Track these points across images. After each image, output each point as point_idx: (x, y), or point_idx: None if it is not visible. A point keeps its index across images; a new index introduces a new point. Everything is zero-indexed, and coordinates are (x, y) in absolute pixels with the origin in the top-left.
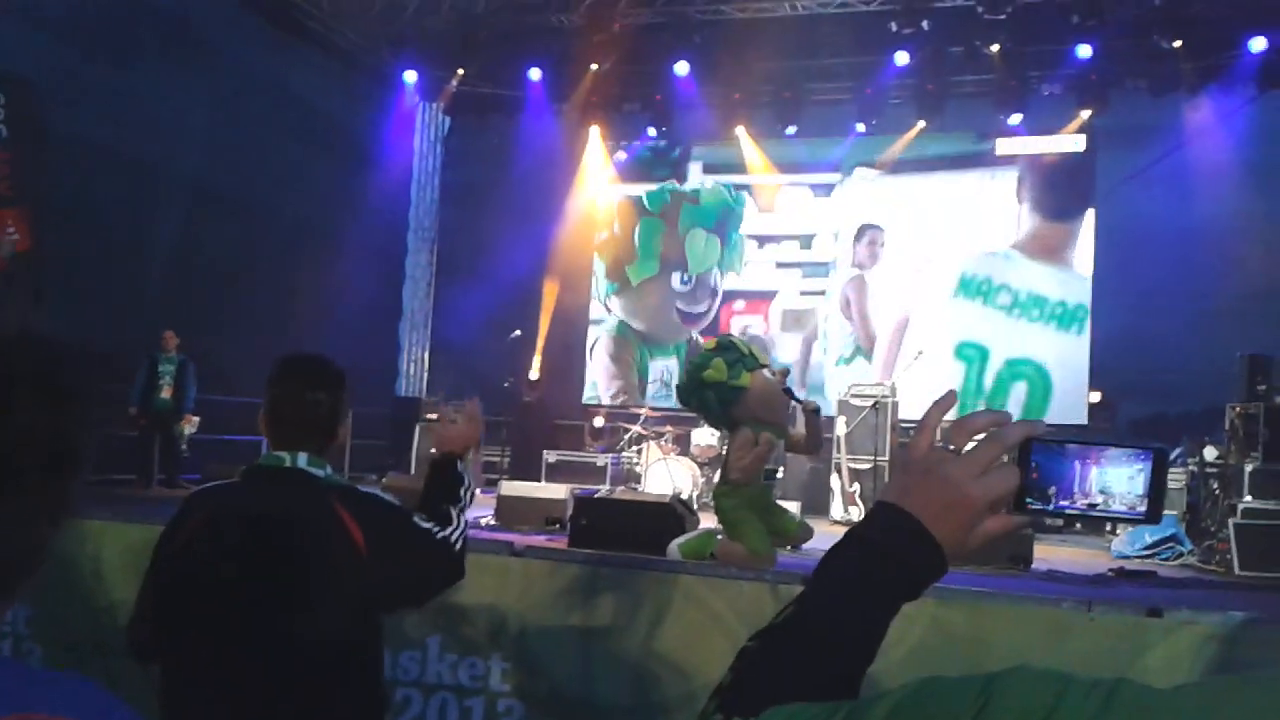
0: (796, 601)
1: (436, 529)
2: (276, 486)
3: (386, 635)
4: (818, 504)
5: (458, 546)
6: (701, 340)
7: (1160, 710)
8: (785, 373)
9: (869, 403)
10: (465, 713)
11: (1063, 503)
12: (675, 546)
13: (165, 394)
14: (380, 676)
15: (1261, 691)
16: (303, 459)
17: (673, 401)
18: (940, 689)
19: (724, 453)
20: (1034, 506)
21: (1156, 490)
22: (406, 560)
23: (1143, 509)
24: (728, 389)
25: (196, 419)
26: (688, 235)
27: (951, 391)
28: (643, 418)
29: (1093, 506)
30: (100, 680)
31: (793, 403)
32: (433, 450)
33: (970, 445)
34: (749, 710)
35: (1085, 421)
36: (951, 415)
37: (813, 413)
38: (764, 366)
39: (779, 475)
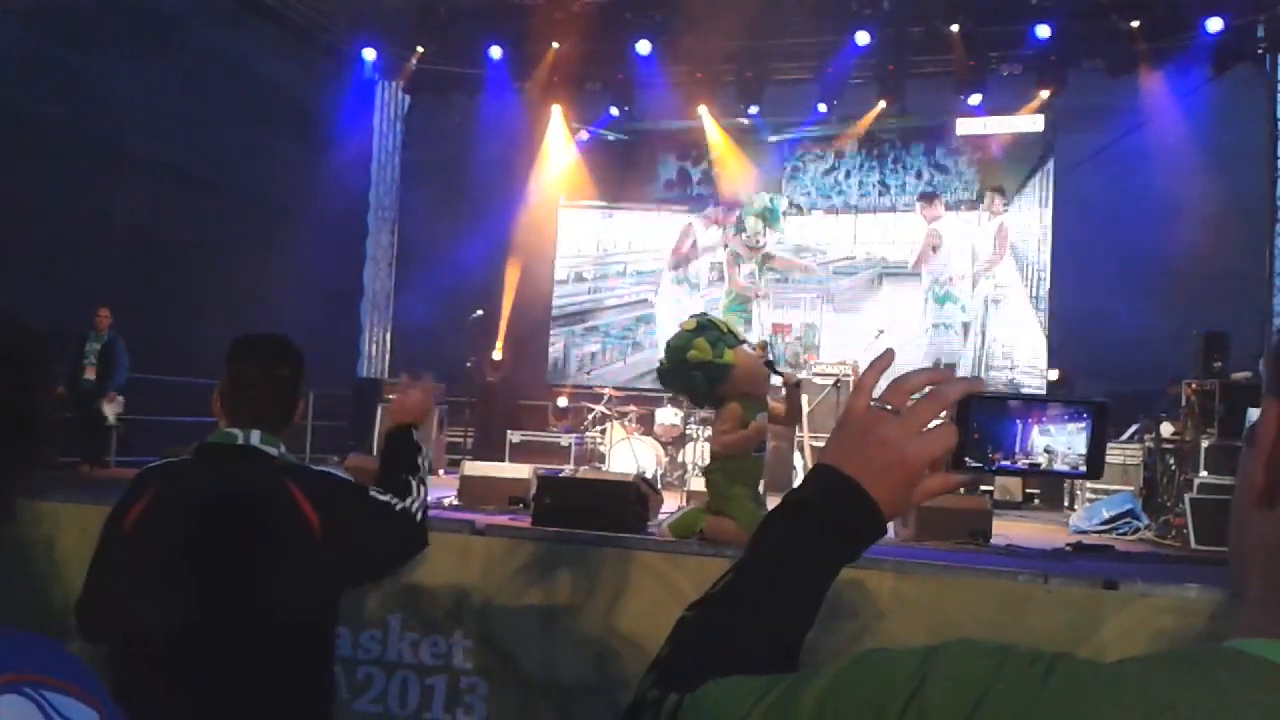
0: (733, 569)
1: (395, 501)
2: (228, 464)
3: (346, 615)
4: (780, 481)
5: (418, 516)
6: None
7: (1097, 684)
8: (764, 346)
9: (830, 380)
10: (427, 691)
11: (1004, 462)
12: (665, 526)
13: (88, 374)
14: (331, 656)
15: (1197, 667)
16: (255, 436)
17: (636, 381)
18: (878, 661)
19: (687, 434)
20: (974, 465)
21: (1097, 445)
22: (363, 535)
23: (1083, 468)
24: (714, 367)
25: (120, 399)
26: None
27: (889, 350)
28: (606, 397)
29: (1034, 466)
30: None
31: (774, 376)
32: (389, 426)
33: (909, 404)
34: (686, 684)
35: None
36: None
37: (794, 386)
38: (743, 342)
39: (767, 449)
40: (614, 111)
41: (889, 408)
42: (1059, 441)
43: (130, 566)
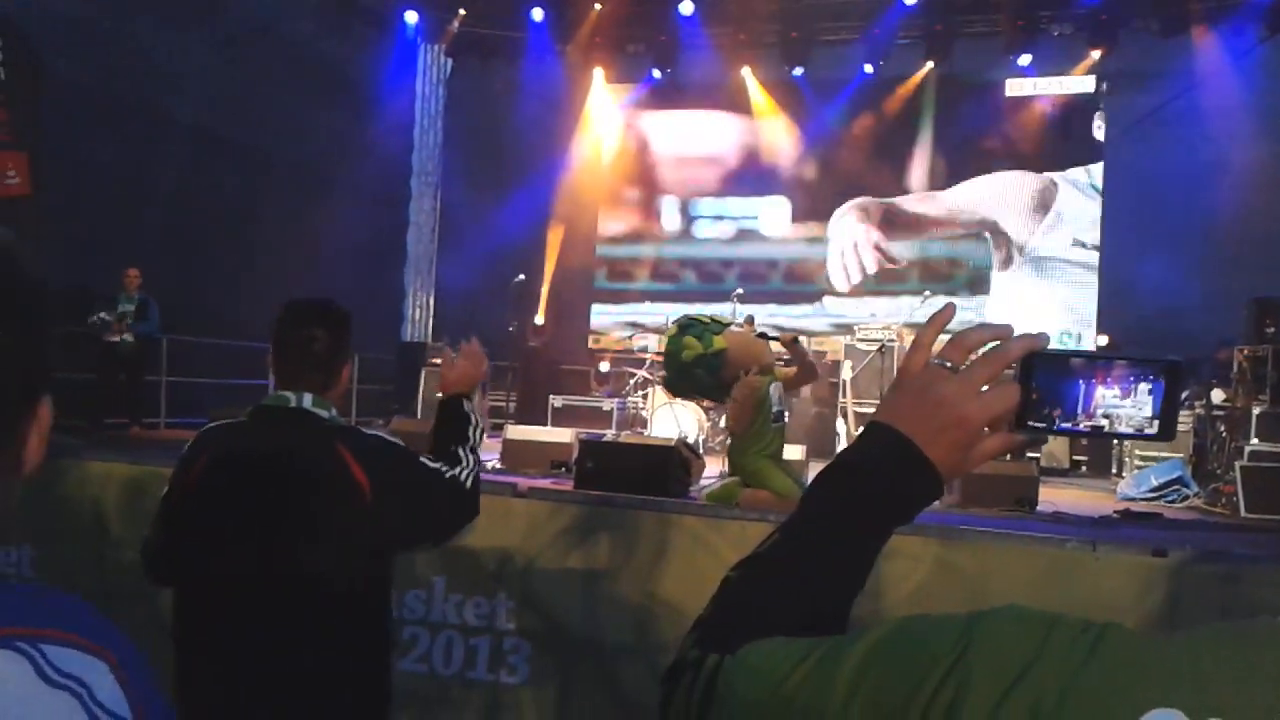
0: (780, 528)
1: (445, 469)
2: (281, 426)
3: (393, 575)
4: (824, 448)
5: (468, 484)
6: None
7: (1146, 658)
8: (750, 321)
9: (874, 346)
10: (471, 651)
11: (1064, 423)
12: (704, 495)
13: (127, 335)
14: (387, 616)
15: (1245, 641)
16: (308, 399)
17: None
18: (921, 628)
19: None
20: (1036, 425)
21: (1170, 406)
22: (412, 500)
23: (1152, 430)
24: (709, 357)
25: (129, 333)
26: None
27: (950, 305)
28: (648, 362)
29: (1097, 429)
30: (70, 594)
31: (771, 342)
32: (438, 394)
33: (968, 362)
34: (728, 644)
35: None
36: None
37: (792, 343)
38: (728, 325)
39: (786, 417)
40: (656, 74)
41: (948, 365)
42: (1126, 402)
43: (193, 519)
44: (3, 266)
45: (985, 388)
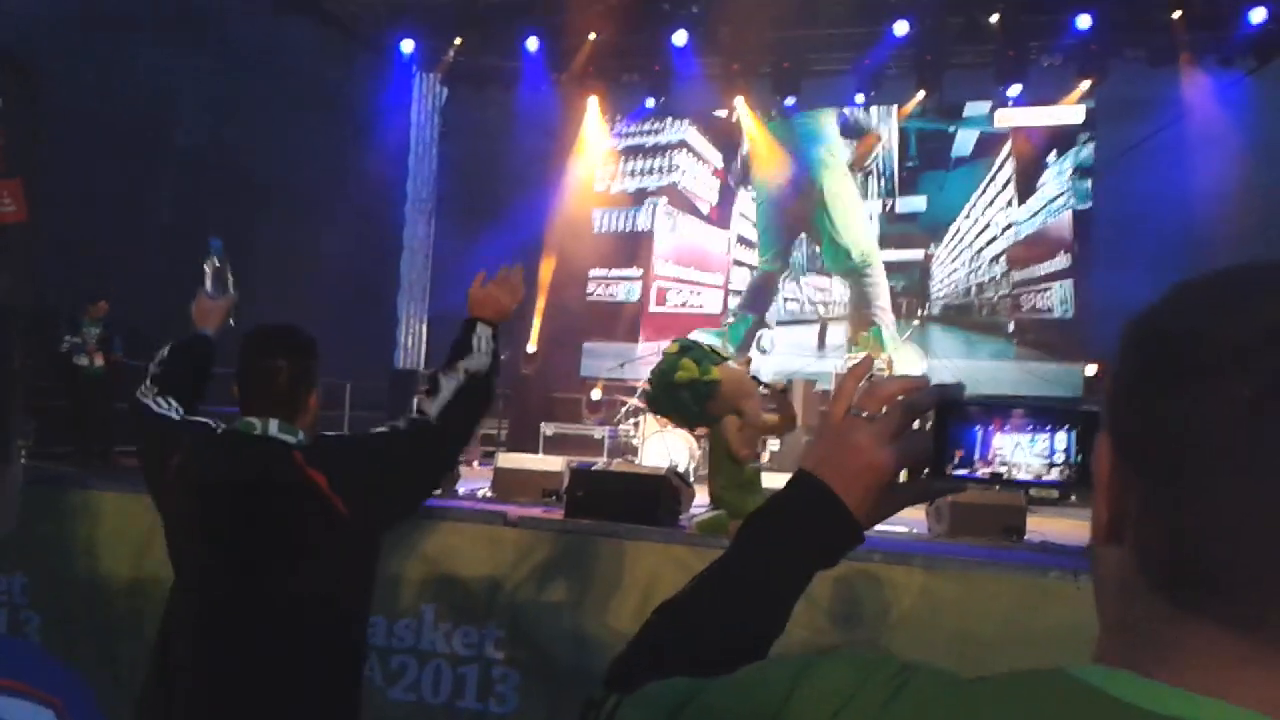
0: (703, 573)
1: (414, 413)
2: (248, 452)
3: (382, 604)
4: None
5: (435, 416)
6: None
7: (949, 701)
8: (748, 362)
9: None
10: (460, 680)
11: (961, 470)
12: (695, 524)
13: (98, 360)
14: (363, 632)
15: (1026, 688)
16: (274, 425)
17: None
18: (754, 674)
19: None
20: (957, 473)
21: (1083, 457)
22: (383, 483)
23: (1051, 476)
24: (702, 385)
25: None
26: None
27: (867, 357)
28: (640, 390)
29: (996, 476)
30: (97, 645)
31: (761, 388)
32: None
33: (882, 412)
34: (631, 685)
35: (1081, 394)
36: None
37: (781, 393)
38: (726, 359)
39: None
40: (650, 103)
41: (864, 414)
42: (1020, 450)
43: (171, 513)
44: None
45: (899, 436)
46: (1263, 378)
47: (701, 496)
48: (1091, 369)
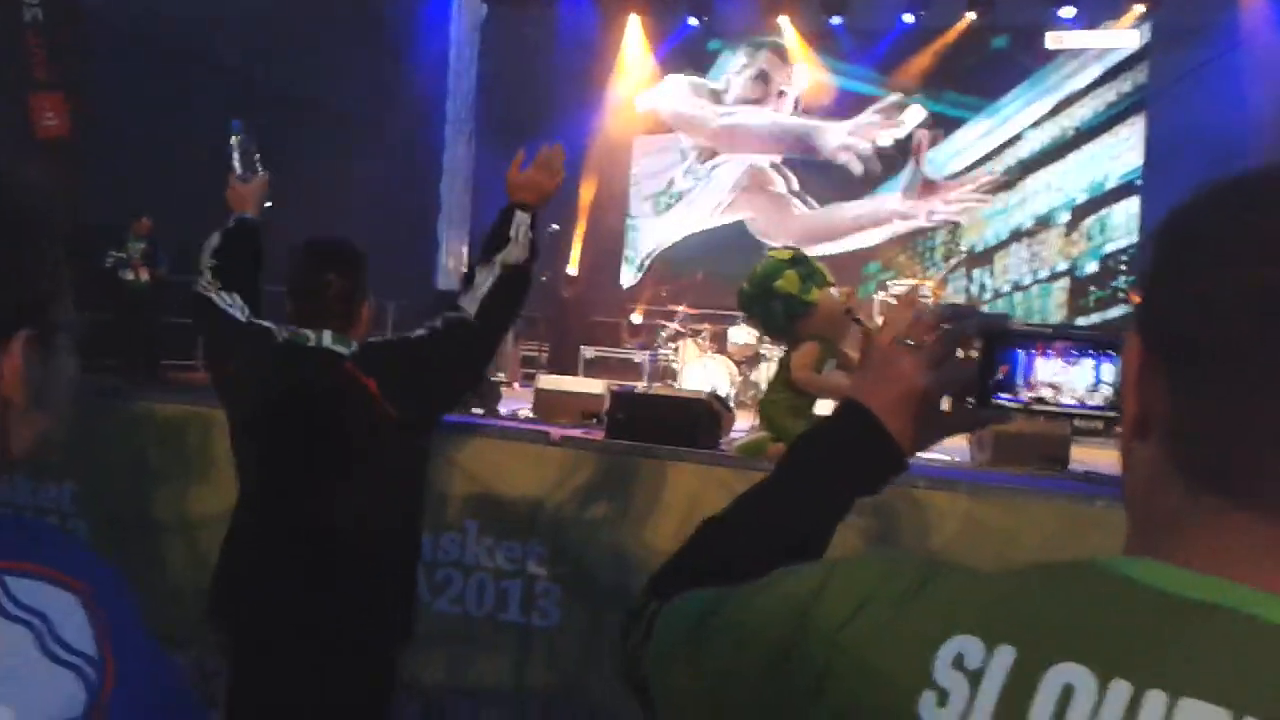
0: (747, 492)
1: (450, 313)
2: (302, 364)
3: (426, 518)
4: None
5: (473, 312)
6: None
7: (964, 593)
8: (851, 294)
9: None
10: (503, 593)
11: (1003, 394)
12: (735, 447)
13: (142, 274)
14: (417, 535)
15: (1054, 577)
16: (327, 337)
17: (711, 299)
18: (793, 571)
19: (761, 353)
20: (1002, 402)
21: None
22: (431, 385)
23: (1095, 402)
24: (797, 302)
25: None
26: None
27: (915, 287)
28: (680, 314)
29: (1039, 400)
30: (145, 552)
31: (854, 324)
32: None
33: (929, 339)
34: (672, 594)
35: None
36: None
37: (867, 336)
38: (832, 285)
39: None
40: (692, 22)
41: (909, 342)
42: (1069, 376)
43: (231, 413)
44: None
45: (944, 363)
46: None
47: (741, 421)
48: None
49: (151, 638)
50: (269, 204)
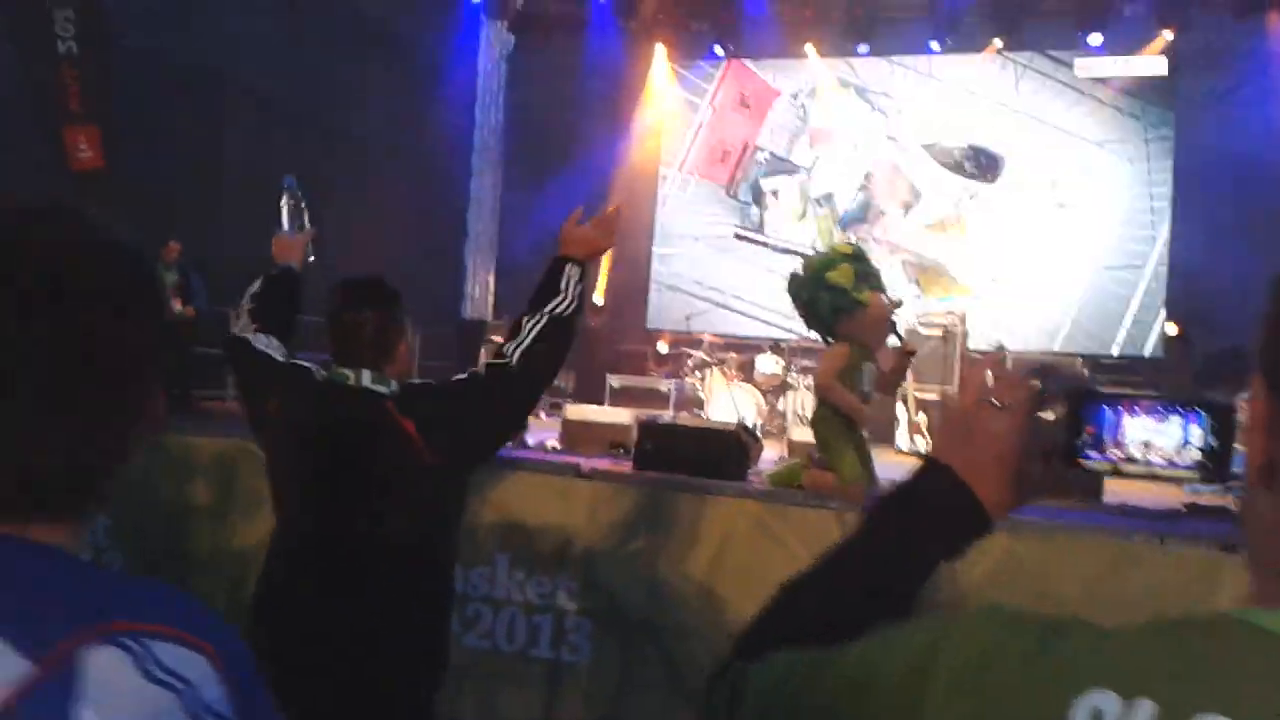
0: (832, 551)
1: (496, 359)
2: (343, 403)
3: (456, 550)
4: (883, 433)
5: (515, 361)
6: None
7: (1094, 647)
8: (898, 304)
9: (938, 331)
10: (534, 628)
11: (1091, 452)
12: (766, 476)
13: (177, 307)
14: (450, 574)
15: (1195, 633)
16: (366, 377)
17: (736, 329)
18: (903, 630)
19: (788, 382)
20: (1088, 460)
21: (1222, 445)
22: (470, 430)
23: (1183, 461)
24: (848, 298)
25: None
26: None
27: (1000, 348)
28: (706, 344)
29: (1128, 459)
30: (179, 587)
31: (891, 336)
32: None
33: (1014, 399)
34: (759, 652)
35: (1161, 354)
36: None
37: (907, 354)
38: (883, 290)
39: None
40: (719, 51)
41: (994, 402)
42: (1162, 434)
43: (270, 452)
44: (136, 261)
45: (1030, 423)
46: None
47: (769, 451)
48: (1172, 329)
49: (269, 695)
50: (312, 258)
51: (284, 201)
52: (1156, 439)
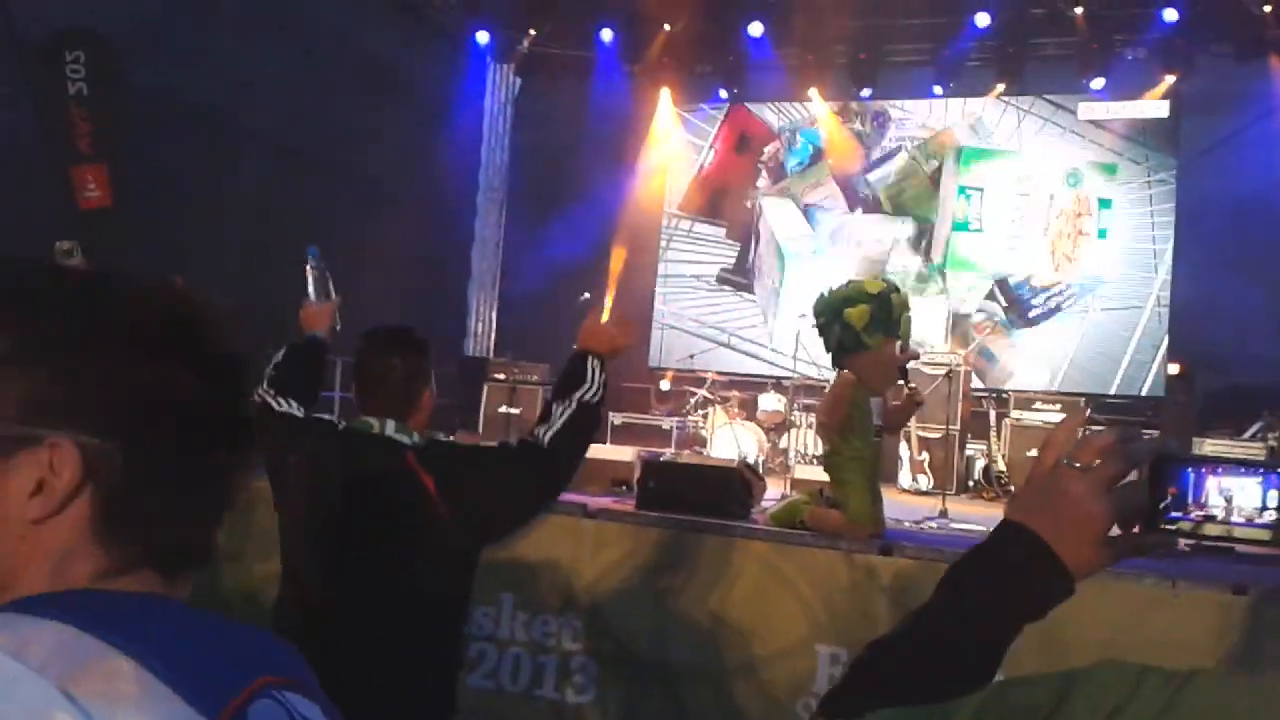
0: (915, 613)
1: (526, 438)
2: (365, 452)
3: (467, 603)
4: (886, 472)
5: (546, 441)
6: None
7: (1223, 703)
8: (915, 356)
9: (941, 370)
10: (539, 669)
11: (1174, 513)
12: (768, 514)
13: None
14: (462, 624)
15: None
16: (390, 426)
17: (739, 367)
18: (1021, 686)
19: (790, 420)
20: (1171, 525)
21: None
22: (491, 498)
23: (1264, 521)
24: (856, 338)
25: None
26: None
27: (1081, 409)
28: (709, 381)
29: (1209, 518)
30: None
31: (900, 383)
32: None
33: (1097, 463)
34: (850, 711)
35: (1161, 394)
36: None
37: (914, 402)
38: (900, 340)
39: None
40: (723, 94)
41: (1077, 465)
42: (1243, 495)
43: (287, 506)
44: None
45: (1114, 487)
46: None
47: (773, 489)
48: (1174, 368)
49: None
50: (339, 326)
51: (309, 271)
52: (1236, 499)
